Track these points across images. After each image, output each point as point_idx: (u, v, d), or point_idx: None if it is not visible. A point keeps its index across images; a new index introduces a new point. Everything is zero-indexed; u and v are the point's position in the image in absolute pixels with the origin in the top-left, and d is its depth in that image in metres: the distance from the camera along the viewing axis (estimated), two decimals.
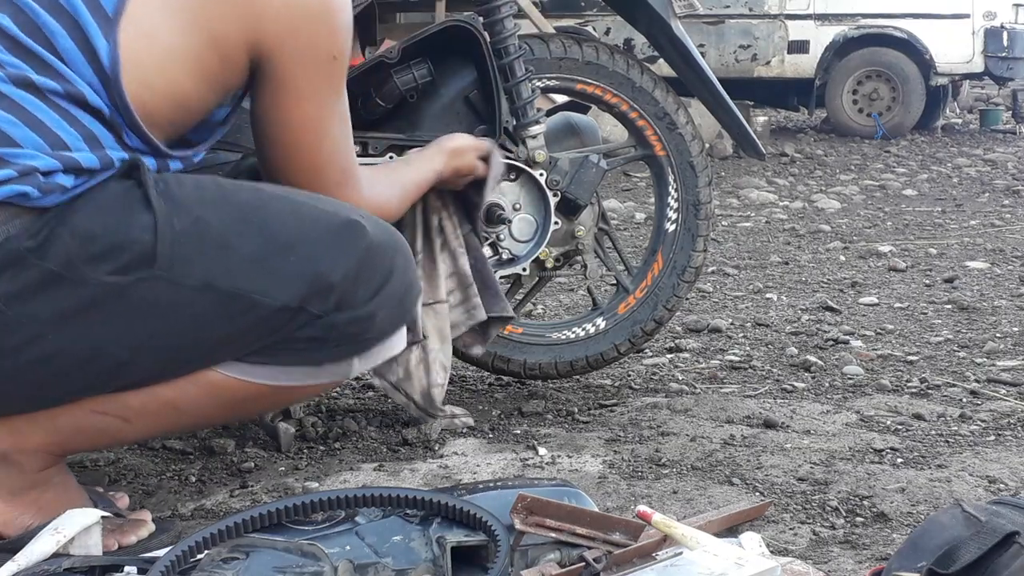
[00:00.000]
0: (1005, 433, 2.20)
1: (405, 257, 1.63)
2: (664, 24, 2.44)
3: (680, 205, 2.49)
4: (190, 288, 1.47)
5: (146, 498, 1.88)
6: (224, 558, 1.30)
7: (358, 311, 1.55)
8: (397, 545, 1.37)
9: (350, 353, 1.59)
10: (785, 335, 3.10)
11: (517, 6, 6.45)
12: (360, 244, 1.55)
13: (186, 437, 2.18)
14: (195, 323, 1.49)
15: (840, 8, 9.99)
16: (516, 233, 2.31)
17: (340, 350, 1.58)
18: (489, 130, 2.27)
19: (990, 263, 4.25)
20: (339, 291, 1.53)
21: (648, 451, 2.06)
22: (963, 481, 1.88)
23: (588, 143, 2.42)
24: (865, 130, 9.85)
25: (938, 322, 3.25)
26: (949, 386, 2.56)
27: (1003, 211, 5.83)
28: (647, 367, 2.75)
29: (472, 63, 2.26)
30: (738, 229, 5.28)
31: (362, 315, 1.56)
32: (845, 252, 4.59)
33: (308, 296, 1.51)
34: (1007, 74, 9.95)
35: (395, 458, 2.08)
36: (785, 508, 1.80)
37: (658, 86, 2.45)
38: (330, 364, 1.59)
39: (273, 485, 1.92)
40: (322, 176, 1.66)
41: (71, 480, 1.64)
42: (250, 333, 1.53)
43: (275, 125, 1.63)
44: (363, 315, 1.56)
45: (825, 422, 2.26)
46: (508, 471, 1.99)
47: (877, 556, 1.61)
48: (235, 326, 1.51)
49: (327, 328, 1.54)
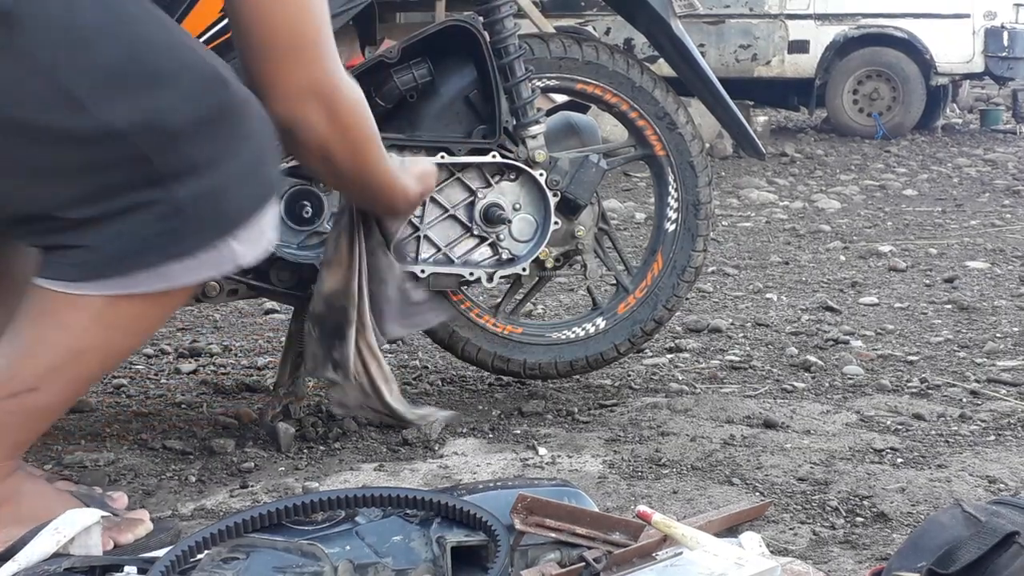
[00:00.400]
0: (1005, 433, 2.20)
1: (264, 125, 1.53)
2: (664, 24, 2.44)
3: (680, 205, 2.49)
4: (30, 65, 1.39)
5: (146, 498, 1.88)
6: (224, 558, 1.30)
7: (203, 179, 1.45)
8: (397, 545, 1.37)
9: (219, 234, 1.49)
10: (785, 335, 3.10)
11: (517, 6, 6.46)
12: (218, 96, 1.47)
13: (186, 437, 2.19)
14: (22, 111, 1.40)
15: (840, 8, 9.98)
16: (516, 233, 2.31)
17: (206, 233, 1.48)
18: (489, 130, 2.27)
19: (990, 263, 4.25)
20: (180, 138, 1.44)
21: (648, 451, 2.06)
22: (963, 481, 1.88)
23: (588, 143, 2.42)
24: (865, 130, 9.85)
25: (938, 322, 3.25)
26: (949, 386, 2.56)
27: (1003, 211, 5.83)
28: (647, 367, 2.75)
29: (472, 63, 2.27)
30: (738, 229, 5.28)
31: (210, 186, 1.46)
32: (845, 252, 4.59)
33: (141, 128, 1.42)
34: (1007, 74, 9.95)
35: (395, 458, 2.08)
36: (785, 508, 1.80)
37: (658, 86, 2.45)
38: (204, 252, 1.49)
39: (273, 485, 1.92)
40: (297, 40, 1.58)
41: (44, 487, 1.64)
42: (73, 153, 1.43)
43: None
44: (211, 186, 1.46)
45: (825, 422, 2.26)
46: (508, 471, 1.99)
47: (877, 556, 1.61)
48: (60, 131, 1.41)
49: (171, 203, 1.44)
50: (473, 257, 2.29)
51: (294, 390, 2.19)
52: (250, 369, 2.78)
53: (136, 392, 2.56)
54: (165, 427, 2.26)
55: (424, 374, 2.69)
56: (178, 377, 2.70)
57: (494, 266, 2.29)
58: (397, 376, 2.67)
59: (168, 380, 2.68)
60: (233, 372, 2.75)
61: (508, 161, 2.27)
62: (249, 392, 2.55)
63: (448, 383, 2.61)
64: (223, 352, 2.95)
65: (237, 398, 2.51)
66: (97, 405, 2.43)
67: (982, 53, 9.77)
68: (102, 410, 2.40)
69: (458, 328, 2.39)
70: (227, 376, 2.70)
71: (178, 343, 3.03)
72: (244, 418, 2.31)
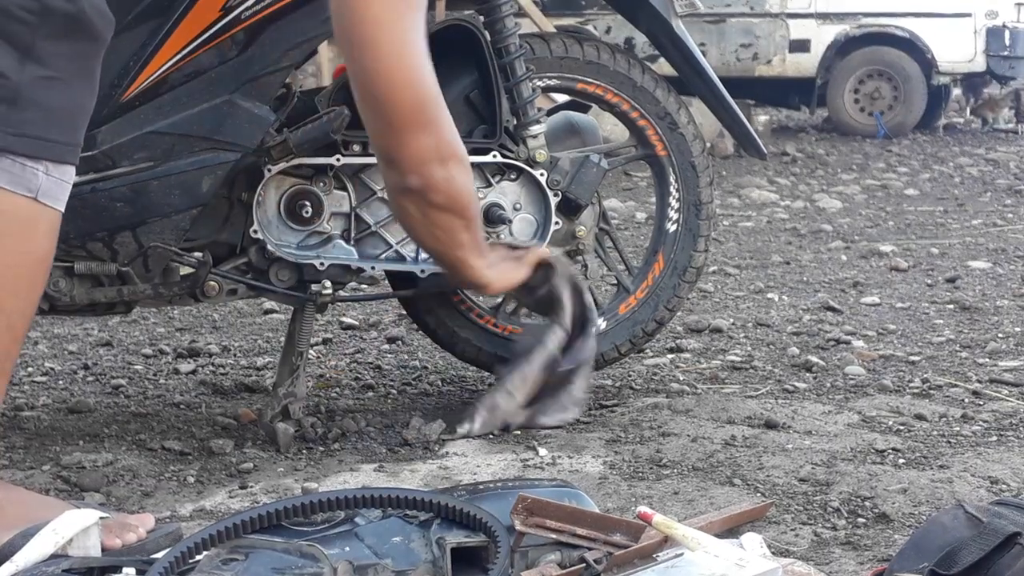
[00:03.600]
0: (1007, 434, 2.19)
1: (94, 71, 1.55)
2: (665, 23, 2.43)
3: (681, 205, 2.48)
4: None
5: (144, 499, 1.87)
6: (223, 559, 1.30)
7: (53, 87, 1.47)
8: (397, 546, 1.37)
9: (37, 149, 1.49)
10: (786, 335, 3.09)
11: (518, 5, 6.45)
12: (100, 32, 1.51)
13: (184, 438, 2.18)
14: None
15: (841, 7, 9.98)
16: (516, 233, 2.30)
17: (26, 139, 1.48)
18: (489, 130, 2.27)
19: (992, 263, 4.25)
20: (54, 25, 1.45)
21: (649, 452, 2.06)
22: (965, 482, 1.88)
23: (589, 143, 2.42)
24: (867, 129, 9.84)
25: (940, 322, 3.24)
26: (951, 386, 2.55)
27: (1005, 211, 5.83)
28: (648, 367, 2.74)
29: (473, 62, 2.26)
30: (739, 229, 5.27)
31: (56, 96, 1.48)
32: (847, 252, 4.59)
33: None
34: (1009, 73, 9.94)
35: (395, 459, 2.08)
36: (786, 509, 1.79)
37: (659, 85, 2.44)
38: (10, 158, 1.48)
39: (272, 486, 1.91)
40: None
41: (25, 493, 1.64)
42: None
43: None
44: (57, 98, 1.48)
45: (827, 422, 2.25)
46: (508, 471, 1.98)
47: (879, 557, 1.60)
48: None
49: (14, 87, 1.44)
50: None
51: (293, 390, 2.18)
52: (249, 369, 2.77)
53: (134, 392, 2.56)
54: (164, 427, 2.26)
55: (424, 374, 2.68)
56: (177, 377, 2.70)
57: None
58: (397, 376, 2.67)
59: (167, 380, 2.67)
60: (232, 372, 2.74)
61: (509, 161, 2.27)
62: (248, 392, 2.55)
63: (448, 383, 2.61)
64: (222, 352, 2.95)
65: (236, 398, 2.51)
66: (95, 405, 2.43)
67: (984, 52, 9.77)
68: (100, 410, 2.40)
69: (458, 328, 2.39)
70: (226, 376, 2.70)
71: (177, 343, 3.02)
72: (243, 418, 2.31)
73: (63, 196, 1.56)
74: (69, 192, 1.57)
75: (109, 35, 1.55)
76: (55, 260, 2.04)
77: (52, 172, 1.52)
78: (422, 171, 1.87)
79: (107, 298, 2.10)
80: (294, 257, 2.17)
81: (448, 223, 1.93)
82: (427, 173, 1.87)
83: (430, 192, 1.88)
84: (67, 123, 1.53)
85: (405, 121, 1.83)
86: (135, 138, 2.04)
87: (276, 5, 2.06)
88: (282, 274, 2.19)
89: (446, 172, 1.88)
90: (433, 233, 1.95)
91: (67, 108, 1.52)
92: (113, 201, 2.03)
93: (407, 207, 1.93)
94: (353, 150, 2.19)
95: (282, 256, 2.16)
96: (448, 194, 1.89)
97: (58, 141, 1.52)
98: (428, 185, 1.87)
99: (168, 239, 2.08)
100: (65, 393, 2.56)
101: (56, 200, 1.55)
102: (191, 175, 2.05)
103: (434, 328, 2.40)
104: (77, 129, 1.55)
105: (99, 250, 2.06)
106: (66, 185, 1.56)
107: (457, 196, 1.91)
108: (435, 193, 1.88)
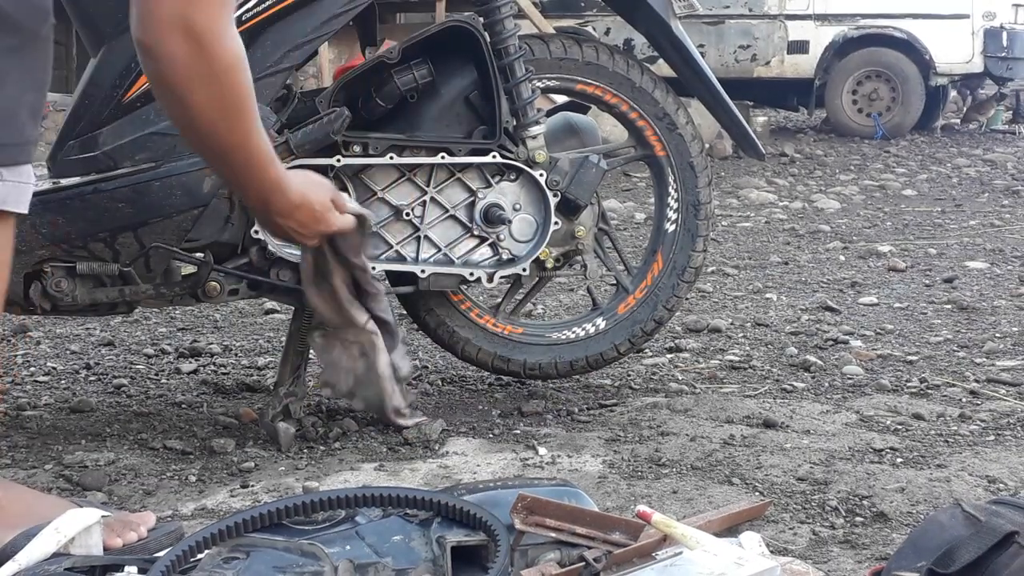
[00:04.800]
0: (1005, 433, 2.20)
1: (31, 64, 1.47)
2: (664, 24, 2.44)
3: (680, 205, 2.49)
4: None
5: (146, 498, 1.88)
6: (224, 558, 1.31)
7: (5, 89, 1.41)
8: (397, 545, 1.37)
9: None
10: (785, 335, 3.10)
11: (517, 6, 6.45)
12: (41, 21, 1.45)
13: (186, 437, 2.19)
14: None
15: (840, 8, 9.98)
16: (516, 233, 2.31)
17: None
18: (489, 130, 2.27)
19: (990, 263, 4.25)
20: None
21: (648, 451, 2.07)
22: (963, 481, 1.88)
23: (588, 143, 2.43)
24: (865, 130, 9.84)
25: (938, 322, 3.25)
26: (949, 386, 2.56)
27: (1002, 211, 5.83)
28: (647, 367, 2.75)
29: (472, 63, 2.27)
30: (738, 229, 5.28)
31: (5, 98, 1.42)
32: (845, 252, 4.59)
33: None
34: (1007, 74, 9.94)
35: (395, 458, 2.08)
36: (785, 508, 1.80)
37: (658, 86, 2.45)
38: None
39: (273, 485, 1.92)
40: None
41: (26, 492, 1.64)
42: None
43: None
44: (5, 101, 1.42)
45: (825, 422, 2.26)
46: (508, 471, 1.99)
47: (877, 556, 1.61)
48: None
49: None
50: (473, 257, 2.29)
51: (294, 390, 2.19)
52: (250, 369, 2.78)
53: (136, 392, 2.57)
54: (165, 427, 2.26)
55: (424, 374, 2.69)
56: (178, 377, 2.71)
57: (494, 266, 2.29)
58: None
59: (168, 380, 2.68)
60: (233, 372, 2.75)
61: (508, 161, 2.28)
62: (249, 392, 2.56)
63: (448, 383, 2.61)
64: (223, 352, 2.95)
65: (237, 398, 2.51)
66: (97, 405, 2.44)
67: (981, 53, 9.76)
68: (102, 410, 2.40)
69: (458, 328, 2.39)
70: (227, 376, 2.70)
71: (178, 343, 3.03)
72: (244, 418, 2.32)
73: (24, 198, 1.49)
74: (31, 192, 1.49)
75: (42, 24, 1.47)
76: (56, 260, 2.06)
77: (8, 177, 1.46)
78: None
79: (109, 298, 2.11)
80: (295, 257, 2.17)
81: (223, 98, 1.49)
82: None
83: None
84: (8, 122, 1.45)
85: None
86: (137, 139, 2.05)
87: (276, 7, 2.07)
88: (283, 274, 2.20)
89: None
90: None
91: (4, 107, 1.44)
92: (115, 202, 2.04)
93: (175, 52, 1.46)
94: (353, 151, 2.20)
95: (283, 256, 2.16)
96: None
97: (5, 143, 1.45)
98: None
99: (170, 239, 2.09)
100: (67, 392, 2.57)
101: (18, 204, 1.48)
102: (192, 176, 2.06)
103: (434, 328, 2.41)
104: (23, 126, 1.47)
105: (101, 250, 2.07)
106: (25, 186, 1.49)
107: (223, 60, 1.47)
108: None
